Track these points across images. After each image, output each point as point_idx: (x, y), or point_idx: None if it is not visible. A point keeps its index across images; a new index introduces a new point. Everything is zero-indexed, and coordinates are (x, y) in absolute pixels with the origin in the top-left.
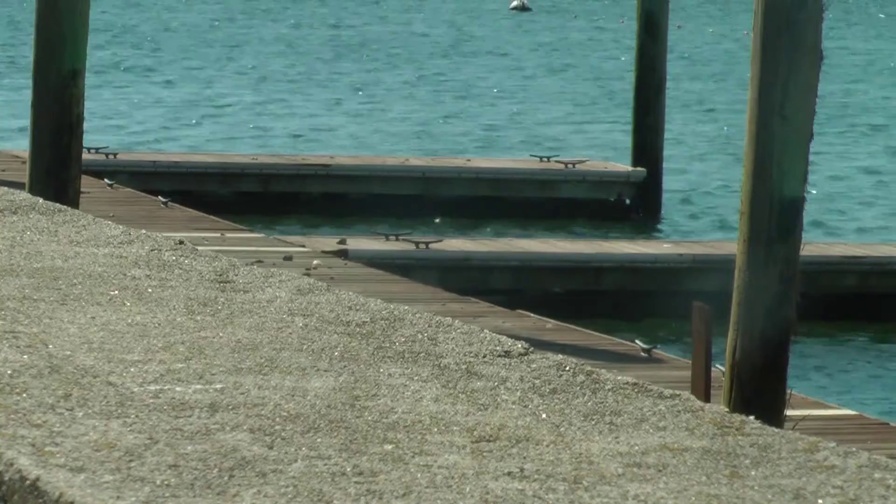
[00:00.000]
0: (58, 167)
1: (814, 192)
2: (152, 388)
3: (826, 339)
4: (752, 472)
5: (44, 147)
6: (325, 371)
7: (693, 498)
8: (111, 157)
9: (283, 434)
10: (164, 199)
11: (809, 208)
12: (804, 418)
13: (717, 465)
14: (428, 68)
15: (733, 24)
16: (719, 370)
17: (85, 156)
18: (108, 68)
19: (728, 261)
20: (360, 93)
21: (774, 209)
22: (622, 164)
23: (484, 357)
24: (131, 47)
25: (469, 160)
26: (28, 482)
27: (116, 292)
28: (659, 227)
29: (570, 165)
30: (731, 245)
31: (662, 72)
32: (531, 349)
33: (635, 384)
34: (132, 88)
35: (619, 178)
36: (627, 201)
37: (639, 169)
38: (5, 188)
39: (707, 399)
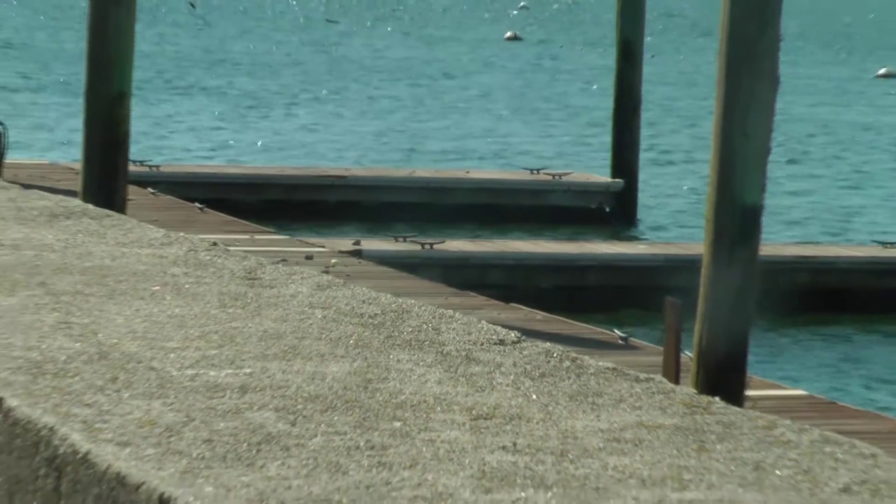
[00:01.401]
0: (107, 178)
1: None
2: (189, 372)
3: (781, 328)
4: (718, 447)
5: (94, 160)
6: (342, 357)
7: (665, 469)
8: (154, 168)
9: (304, 413)
10: (200, 206)
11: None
12: (762, 398)
13: (687, 441)
14: (428, 90)
15: (701, 53)
16: (688, 356)
17: (131, 168)
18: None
19: (696, 260)
20: (366, 110)
21: (736, 215)
22: (602, 176)
23: (481, 345)
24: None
25: (468, 172)
26: (80, 455)
27: (158, 288)
28: (635, 230)
29: (557, 177)
30: (698, 246)
31: (638, 94)
32: (523, 338)
33: (614, 369)
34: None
35: (600, 189)
36: (607, 208)
37: (617, 180)
38: (61, 196)
39: (677, 382)
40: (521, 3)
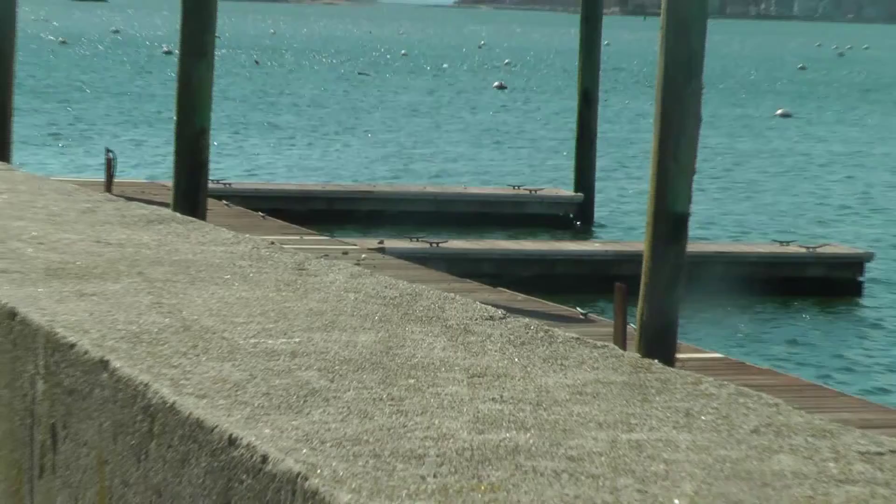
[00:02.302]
0: (191, 193)
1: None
2: (252, 341)
3: (703, 306)
4: (657, 398)
5: (182, 180)
6: (369, 329)
7: (617, 415)
8: (227, 185)
9: (340, 372)
10: (262, 214)
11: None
12: (689, 360)
13: (633, 393)
14: (433, 125)
15: (642, 98)
16: (633, 328)
17: (210, 185)
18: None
19: (638, 255)
20: (387, 140)
21: (669, 221)
22: (567, 191)
23: (476, 320)
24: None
25: (466, 188)
26: (168, 405)
27: (228, 276)
28: (592, 232)
29: (533, 192)
30: (640, 244)
31: (594, 129)
32: (507, 315)
33: (577, 338)
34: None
35: (566, 200)
36: (571, 216)
37: (578, 194)
38: (156, 206)
39: (625, 348)
40: (506, 61)
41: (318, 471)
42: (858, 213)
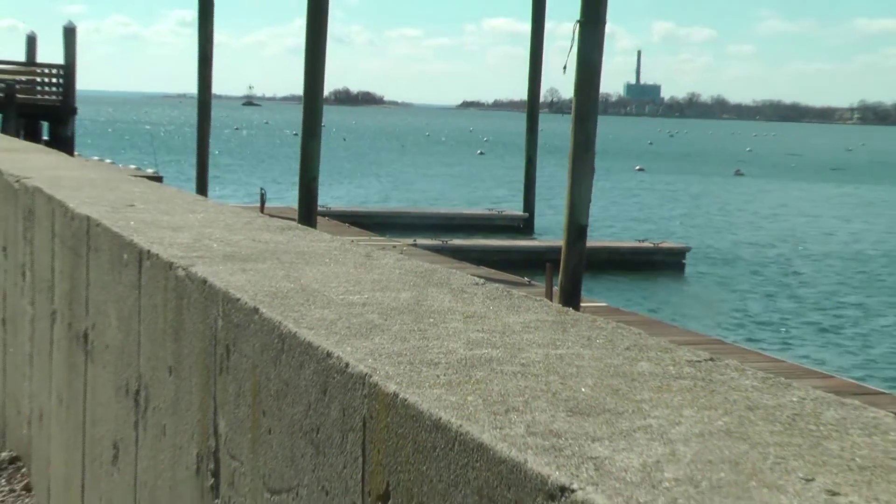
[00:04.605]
0: (307, 213)
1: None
2: (341, 297)
3: (595, 276)
4: (571, 330)
5: (302, 206)
6: (407, 290)
7: (549, 340)
8: (328, 208)
9: (390, 315)
10: (347, 224)
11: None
12: (588, 307)
13: (557, 327)
14: (439, 176)
15: (562, 160)
16: (557, 289)
17: (318, 208)
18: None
19: (559, 248)
20: (412, 185)
21: (576, 228)
22: (518, 211)
23: (468, 285)
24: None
25: (462, 210)
26: (292, 333)
27: (328, 260)
28: (533, 235)
29: (499, 212)
30: (560, 241)
31: (534, 176)
32: (485, 282)
33: (525, 295)
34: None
35: (518, 217)
36: (521, 225)
37: (525, 213)
38: (287, 220)
39: (552, 300)
40: (485, 139)
41: (377, 371)
42: (681, 223)
